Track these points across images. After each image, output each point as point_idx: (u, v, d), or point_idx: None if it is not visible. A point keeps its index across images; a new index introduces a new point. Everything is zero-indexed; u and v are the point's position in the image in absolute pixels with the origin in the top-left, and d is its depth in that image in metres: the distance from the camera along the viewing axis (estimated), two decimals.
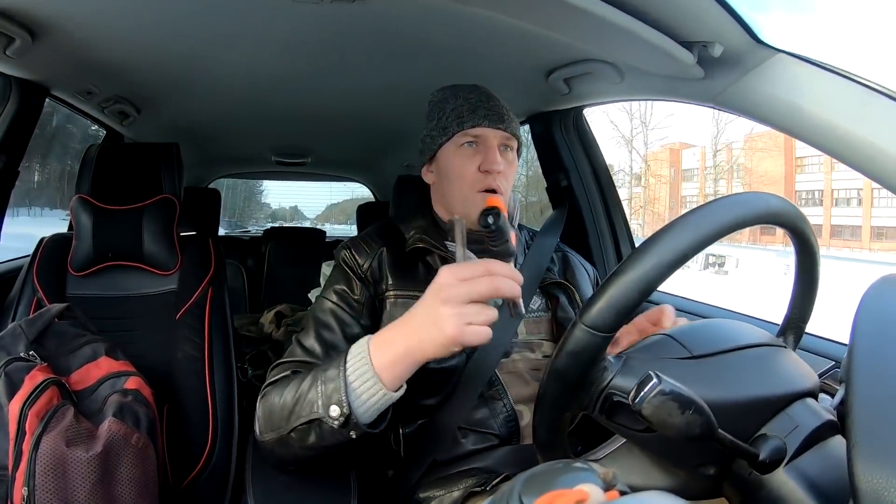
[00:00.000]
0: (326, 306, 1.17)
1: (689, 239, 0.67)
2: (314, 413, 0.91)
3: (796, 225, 0.77)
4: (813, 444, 0.70)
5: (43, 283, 1.47)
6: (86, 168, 1.55)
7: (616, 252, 1.92)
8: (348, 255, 1.22)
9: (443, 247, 1.22)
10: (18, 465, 1.06)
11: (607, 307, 0.68)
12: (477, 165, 1.18)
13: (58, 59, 1.49)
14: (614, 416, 0.74)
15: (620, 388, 0.72)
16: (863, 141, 0.95)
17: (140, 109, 2.09)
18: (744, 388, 0.73)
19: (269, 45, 1.49)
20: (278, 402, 1.00)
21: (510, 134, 1.21)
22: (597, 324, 0.68)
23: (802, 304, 0.86)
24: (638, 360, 0.74)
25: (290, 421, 0.96)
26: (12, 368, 1.14)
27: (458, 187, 1.20)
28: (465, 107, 1.20)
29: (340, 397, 0.88)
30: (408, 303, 1.11)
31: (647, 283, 0.67)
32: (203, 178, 3.69)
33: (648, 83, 1.38)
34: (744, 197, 0.73)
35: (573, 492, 0.42)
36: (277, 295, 3.06)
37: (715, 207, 0.70)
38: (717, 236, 0.69)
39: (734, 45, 1.08)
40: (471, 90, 1.23)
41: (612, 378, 0.72)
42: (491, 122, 1.19)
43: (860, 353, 0.59)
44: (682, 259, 0.67)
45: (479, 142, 1.19)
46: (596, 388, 0.73)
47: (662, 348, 0.78)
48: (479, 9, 1.15)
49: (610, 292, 0.68)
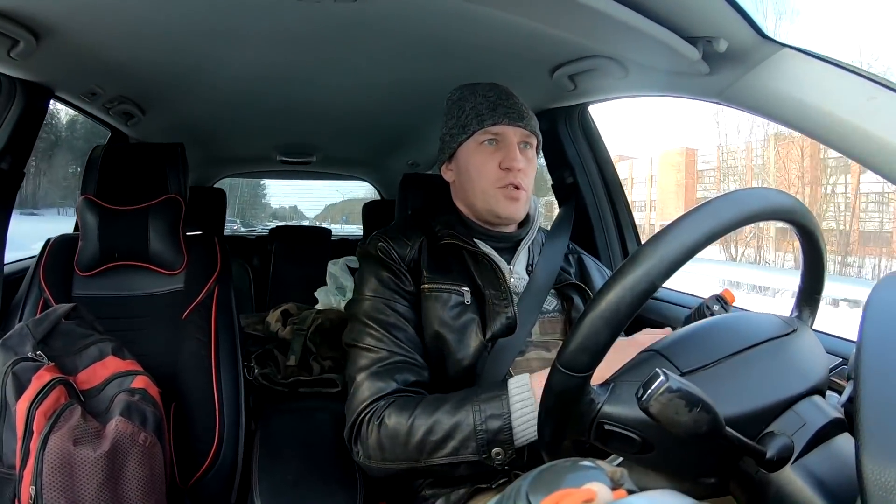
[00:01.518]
0: (377, 304, 1.17)
1: (657, 266, 0.66)
2: (469, 455, 0.96)
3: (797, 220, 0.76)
4: (820, 441, 0.70)
5: (49, 284, 1.47)
6: (91, 169, 1.56)
7: (622, 247, 1.92)
8: (386, 247, 1.22)
9: (472, 243, 1.23)
10: (26, 464, 1.06)
11: (580, 349, 0.68)
12: (497, 163, 1.20)
13: (62, 60, 1.49)
14: (608, 443, 0.74)
15: (610, 416, 0.72)
16: (869, 135, 0.94)
17: (145, 110, 2.09)
18: (743, 402, 0.72)
19: (273, 43, 1.49)
20: (405, 432, 1.01)
21: (529, 131, 1.23)
22: (573, 365, 0.69)
23: (814, 276, 0.84)
24: (624, 386, 0.74)
25: (432, 455, 0.99)
26: (20, 368, 1.15)
27: (478, 185, 1.21)
28: (484, 105, 1.21)
29: (509, 440, 0.93)
30: (440, 297, 1.12)
31: (616, 322, 0.66)
32: (208, 177, 3.70)
33: (653, 79, 1.37)
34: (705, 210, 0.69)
35: (581, 491, 0.41)
36: (283, 294, 3.05)
37: (677, 231, 0.67)
38: (684, 260, 0.67)
39: (739, 40, 1.08)
40: (490, 88, 1.24)
41: (599, 408, 0.72)
42: (511, 119, 1.20)
43: (869, 351, 0.58)
44: (652, 289, 0.66)
45: (499, 140, 1.21)
46: (586, 420, 0.73)
47: (649, 368, 0.76)
48: (484, 6, 1.15)
49: (580, 333, 0.68)
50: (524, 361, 1.17)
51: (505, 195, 1.19)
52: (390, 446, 1.02)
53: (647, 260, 0.66)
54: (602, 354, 0.68)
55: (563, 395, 0.71)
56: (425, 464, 0.98)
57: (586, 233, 1.93)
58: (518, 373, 1.15)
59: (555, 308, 1.25)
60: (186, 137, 2.18)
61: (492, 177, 1.20)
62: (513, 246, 1.27)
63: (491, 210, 1.21)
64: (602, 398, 0.73)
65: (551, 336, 1.22)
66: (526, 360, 1.17)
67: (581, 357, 0.68)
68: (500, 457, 0.92)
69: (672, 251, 0.66)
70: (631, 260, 0.67)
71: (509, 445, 0.93)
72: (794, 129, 1.08)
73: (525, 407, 0.93)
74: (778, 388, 0.73)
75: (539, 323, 1.21)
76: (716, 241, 0.69)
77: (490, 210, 1.21)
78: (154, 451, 1.18)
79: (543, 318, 1.22)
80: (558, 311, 1.25)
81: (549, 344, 1.21)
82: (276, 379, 1.74)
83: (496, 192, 1.20)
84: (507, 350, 1.15)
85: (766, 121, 1.53)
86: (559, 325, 1.24)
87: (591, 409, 0.72)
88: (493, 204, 1.20)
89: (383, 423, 1.03)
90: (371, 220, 3.45)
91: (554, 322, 1.24)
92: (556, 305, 1.25)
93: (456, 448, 0.96)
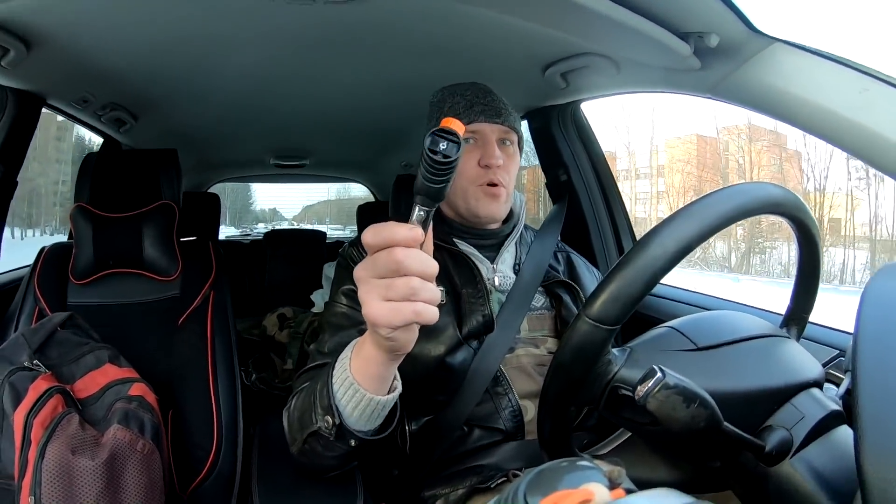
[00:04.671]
0: (338, 310, 1.16)
1: (692, 229, 0.67)
2: (314, 425, 0.89)
3: (797, 215, 0.77)
4: (819, 434, 0.70)
5: (44, 293, 1.47)
6: (84, 176, 1.55)
7: (617, 245, 1.91)
8: (356, 253, 1.22)
9: (450, 242, 1.23)
10: (24, 474, 1.06)
11: (611, 299, 0.67)
12: (477, 160, 1.19)
13: (53, 68, 1.48)
14: (620, 410, 0.73)
15: (626, 380, 0.71)
16: (862, 128, 0.94)
17: (137, 116, 2.08)
18: (749, 379, 0.73)
19: (265, 47, 1.49)
20: (292, 414, 0.99)
21: (508, 127, 1.22)
22: (601, 317, 0.68)
23: (805, 294, 0.85)
24: (643, 353, 0.74)
25: (302, 432, 0.94)
26: (16, 378, 1.14)
27: (458, 183, 1.21)
28: (461, 104, 1.21)
29: (330, 407, 0.85)
30: None
31: (650, 275, 0.66)
32: (202, 182, 3.69)
33: (645, 75, 1.37)
34: (746, 187, 0.72)
35: (578, 491, 0.41)
36: (279, 297, 3.07)
37: (717, 198, 0.70)
38: (719, 227, 0.68)
39: (730, 34, 1.08)
40: (468, 87, 1.24)
41: (617, 371, 0.72)
42: (488, 116, 1.20)
43: (865, 343, 0.58)
44: (686, 249, 0.67)
45: (478, 137, 1.21)
46: (601, 382, 0.72)
47: (667, 340, 0.77)
48: (476, 6, 1.15)
49: (613, 284, 0.67)
50: (514, 358, 1.17)
51: (485, 192, 1.19)
52: (287, 431, 1.00)
53: (685, 221, 0.67)
54: (633, 307, 0.67)
55: (584, 349, 0.69)
56: (302, 443, 0.94)
57: (581, 230, 1.92)
58: (509, 370, 1.15)
59: (543, 305, 1.25)
60: (179, 143, 2.17)
61: (471, 174, 1.20)
62: (497, 244, 1.27)
63: (470, 209, 1.21)
64: (620, 361, 0.72)
65: (540, 332, 1.22)
66: (516, 357, 1.17)
67: (612, 308, 0.67)
68: (329, 424, 0.85)
69: (709, 217, 0.68)
70: (669, 219, 0.68)
71: (334, 412, 0.85)
72: (787, 122, 1.08)
73: (340, 368, 0.85)
74: (782, 375, 0.75)
75: (527, 319, 1.21)
76: (748, 217, 0.71)
77: (469, 209, 1.21)
78: (152, 458, 1.17)
79: (532, 315, 1.22)
80: (546, 308, 1.25)
81: (538, 340, 1.21)
82: (273, 383, 1.74)
83: (476, 189, 1.20)
84: (495, 347, 1.15)
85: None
86: (548, 321, 1.24)
87: (609, 370, 0.72)
88: (473, 202, 1.20)
89: (286, 410, 1.02)
90: (366, 222, 3.45)
91: (542, 319, 1.24)
92: (544, 303, 1.25)
93: (307, 421, 0.91)
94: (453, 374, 1.12)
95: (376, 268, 0.64)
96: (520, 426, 1.13)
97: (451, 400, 1.13)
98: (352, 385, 0.83)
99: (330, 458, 0.94)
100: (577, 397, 0.74)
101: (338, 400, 0.85)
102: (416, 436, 1.15)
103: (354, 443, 0.87)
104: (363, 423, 0.87)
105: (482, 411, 1.13)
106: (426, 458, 1.14)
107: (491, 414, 1.13)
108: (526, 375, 1.16)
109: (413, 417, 1.15)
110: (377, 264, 0.64)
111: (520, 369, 1.17)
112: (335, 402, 0.85)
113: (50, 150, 7.76)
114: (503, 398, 1.14)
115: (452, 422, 1.12)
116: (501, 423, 1.13)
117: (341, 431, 0.86)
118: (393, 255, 0.63)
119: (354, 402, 0.84)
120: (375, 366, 0.80)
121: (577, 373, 0.71)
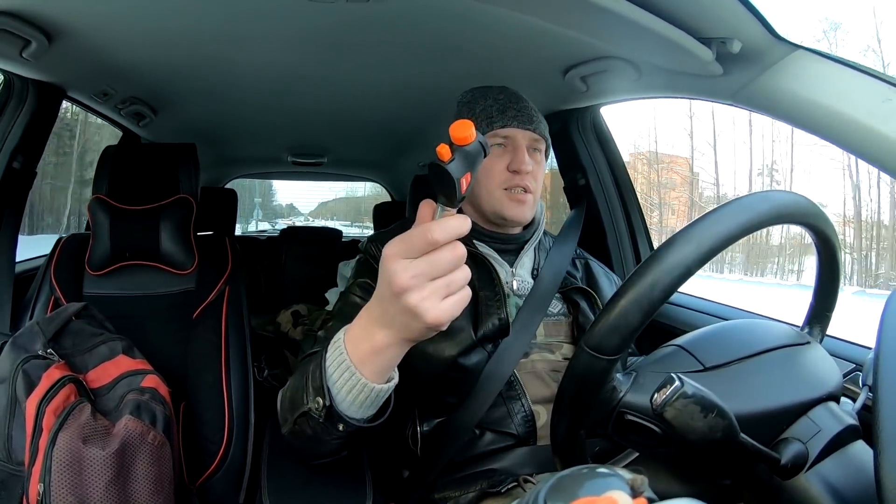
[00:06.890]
0: (351, 300, 1.16)
1: (692, 252, 0.66)
2: (304, 405, 0.87)
3: (809, 221, 0.75)
4: (835, 449, 0.69)
5: (60, 283, 1.48)
6: (103, 169, 1.56)
7: (634, 250, 1.91)
8: (375, 248, 1.22)
9: (470, 244, 1.22)
10: (35, 461, 1.07)
11: (609, 330, 0.67)
12: (505, 165, 1.19)
13: (74, 60, 1.50)
14: (627, 435, 0.72)
15: (631, 405, 0.71)
16: (884, 137, 0.93)
17: (156, 111, 2.10)
18: (761, 400, 0.71)
19: (285, 44, 1.49)
20: (285, 394, 0.97)
21: (539, 135, 1.22)
22: (601, 347, 0.67)
23: (827, 293, 0.84)
24: (648, 376, 0.73)
25: (293, 413, 0.92)
26: (30, 366, 1.15)
27: (485, 186, 1.20)
28: (494, 107, 1.21)
29: (321, 388, 0.83)
30: None
31: (649, 304, 0.65)
32: (219, 178, 3.71)
33: (666, 80, 1.36)
34: (747, 201, 0.70)
35: (602, 499, 0.40)
36: (294, 295, 3.07)
37: (718, 216, 0.68)
38: (723, 246, 0.67)
39: (753, 41, 1.07)
40: (500, 91, 1.24)
41: (622, 397, 0.71)
42: (520, 122, 1.20)
43: (887, 359, 0.57)
44: (686, 275, 0.65)
45: (508, 142, 1.21)
46: (606, 409, 0.72)
47: (673, 361, 0.76)
48: (497, 6, 1.15)
49: (612, 314, 0.67)
50: (528, 363, 1.17)
51: (511, 198, 1.19)
52: (279, 411, 0.99)
53: (684, 245, 0.66)
54: (633, 337, 0.67)
55: (586, 379, 0.69)
56: (292, 425, 0.92)
57: (598, 235, 1.92)
58: (523, 374, 1.15)
59: (560, 311, 1.24)
60: (198, 138, 2.19)
61: (499, 179, 1.19)
62: (517, 248, 1.27)
63: (496, 212, 1.20)
64: (625, 387, 0.71)
65: (555, 338, 1.21)
66: (530, 362, 1.17)
67: (611, 338, 0.67)
68: (319, 406, 0.84)
69: (708, 239, 0.66)
70: (668, 243, 0.67)
71: (325, 393, 0.83)
72: (808, 131, 1.07)
73: (335, 352, 0.82)
74: (796, 391, 0.73)
75: (544, 325, 1.20)
76: (750, 234, 0.69)
77: (495, 212, 1.20)
78: (163, 450, 1.18)
79: (548, 321, 1.22)
80: (563, 314, 1.24)
81: (553, 346, 1.20)
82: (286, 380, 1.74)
83: (502, 193, 1.19)
84: (510, 351, 1.14)
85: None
86: (564, 327, 1.23)
87: (614, 397, 0.71)
88: (498, 206, 1.20)
89: (281, 391, 1.01)
90: (382, 221, 3.47)
91: (559, 325, 1.23)
92: (561, 309, 1.24)
93: (298, 401, 0.89)
94: (467, 375, 1.12)
95: (436, 267, 0.65)
96: (532, 431, 1.12)
97: (464, 402, 1.12)
98: (348, 370, 0.81)
99: (319, 441, 0.91)
100: (585, 423, 0.74)
101: (332, 382, 0.83)
102: (428, 437, 1.15)
103: (343, 427, 0.85)
104: (355, 409, 0.84)
105: (494, 415, 1.13)
106: (437, 460, 1.13)
107: (503, 418, 1.13)
108: (540, 381, 1.16)
109: (425, 419, 1.15)
110: (440, 263, 0.65)
111: (534, 374, 1.16)
112: (327, 384, 0.83)
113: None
114: (516, 402, 1.13)
115: (464, 424, 1.12)
116: (513, 428, 1.12)
117: (330, 414, 0.84)
118: (457, 250, 0.64)
119: (349, 386, 0.82)
120: (385, 358, 0.79)
121: (582, 401, 0.71)
